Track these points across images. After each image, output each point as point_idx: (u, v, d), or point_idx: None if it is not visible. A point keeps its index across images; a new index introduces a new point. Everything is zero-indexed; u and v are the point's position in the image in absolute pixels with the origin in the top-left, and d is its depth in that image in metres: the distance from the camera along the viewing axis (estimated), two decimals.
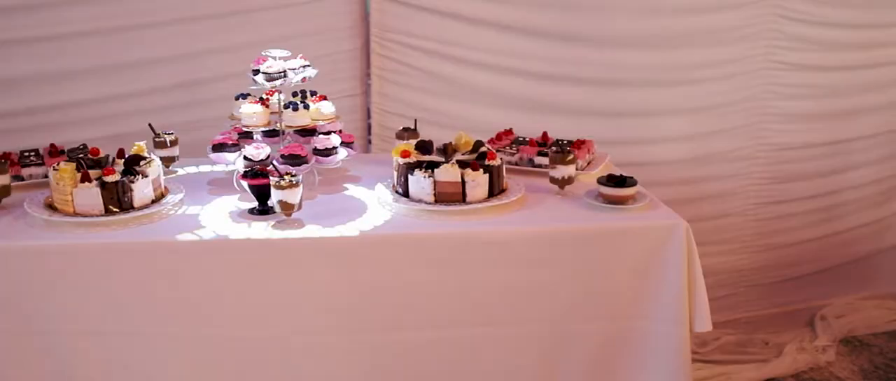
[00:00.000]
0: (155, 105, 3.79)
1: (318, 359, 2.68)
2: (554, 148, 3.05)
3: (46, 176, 3.04)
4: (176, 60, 3.84)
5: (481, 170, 2.78)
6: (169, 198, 2.83)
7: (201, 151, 3.26)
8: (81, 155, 2.94)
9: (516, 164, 3.20)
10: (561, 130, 3.43)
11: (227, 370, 2.67)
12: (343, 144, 3.07)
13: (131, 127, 3.54)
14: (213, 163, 3.15)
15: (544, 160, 3.14)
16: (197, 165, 3.31)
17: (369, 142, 4.16)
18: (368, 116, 4.16)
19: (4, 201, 2.85)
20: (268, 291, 2.61)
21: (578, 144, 3.20)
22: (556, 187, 2.94)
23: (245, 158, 2.88)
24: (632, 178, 2.82)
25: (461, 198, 2.77)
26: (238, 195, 2.93)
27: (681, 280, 2.66)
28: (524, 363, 2.74)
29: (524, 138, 3.33)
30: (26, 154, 3.15)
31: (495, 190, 2.83)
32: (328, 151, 2.98)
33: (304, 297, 2.62)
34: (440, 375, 2.73)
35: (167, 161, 3.12)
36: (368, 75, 4.09)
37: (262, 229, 2.63)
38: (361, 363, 2.70)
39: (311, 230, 2.63)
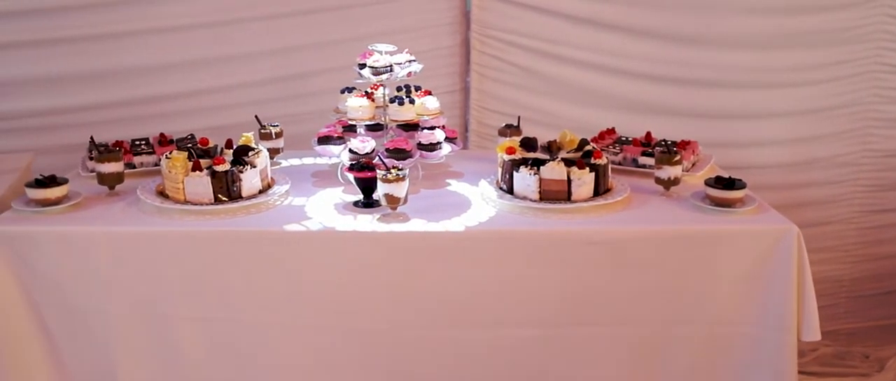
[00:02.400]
0: (258, 97, 3.86)
1: (417, 353, 2.69)
2: (660, 148, 3.00)
3: (157, 164, 3.12)
4: (278, 54, 3.91)
5: (587, 168, 2.75)
6: (275, 189, 2.87)
7: (302, 143, 3.31)
8: (190, 145, 3.01)
9: (620, 163, 3.16)
10: (659, 130, 3.38)
11: (329, 361, 2.71)
12: (446, 139, 3.07)
13: (235, 118, 3.61)
14: (316, 155, 3.18)
15: (648, 160, 3.09)
16: (300, 158, 3.35)
17: (466, 138, 4.16)
18: (466, 113, 4.16)
19: (117, 187, 2.93)
20: (371, 283, 2.63)
21: (683, 145, 3.15)
22: (661, 188, 2.89)
23: (350, 151, 2.90)
24: (741, 180, 2.76)
25: (566, 196, 2.75)
26: (342, 188, 2.95)
27: (790, 287, 2.59)
28: (624, 364, 2.71)
29: (627, 138, 3.29)
30: (137, 143, 3.24)
31: (601, 189, 2.80)
32: (432, 147, 2.98)
33: (407, 291, 2.63)
34: (539, 373, 2.71)
35: (272, 153, 3.17)
36: (467, 72, 4.09)
37: (367, 222, 2.65)
38: (461, 358, 2.70)
39: (417, 225, 2.63)
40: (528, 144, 2.91)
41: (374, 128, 3.11)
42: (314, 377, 2.72)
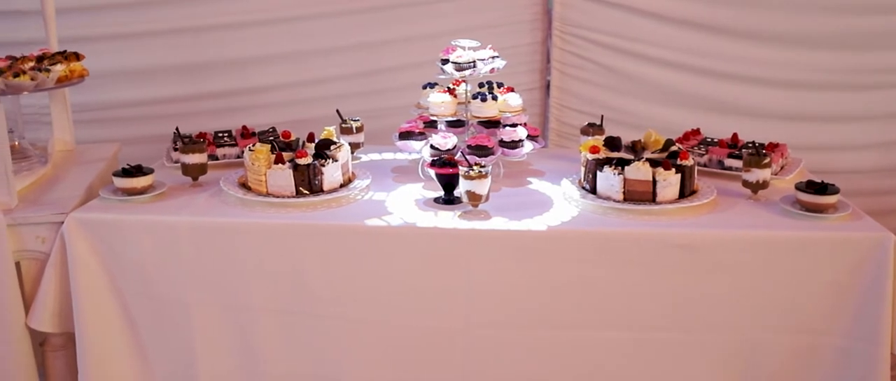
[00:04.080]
0: (338, 92, 3.88)
1: (493, 353, 2.66)
2: (748, 150, 2.92)
3: (239, 156, 3.16)
4: (358, 49, 3.93)
5: (673, 169, 2.69)
6: (356, 183, 2.88)
7: (381, 138, 3.31)
8: (272, 138, 3.03)
9: (705, 165, 3.09)
10: (742, 132, 3.29)
11: (404, 358, 2.69)
12: (528, 137, 3.04)
13: (314, 112, 3.64)
14: (396, 150, 3.18)
15: (735, 163, 3.01)
16: (379, 152, 3.35)
17: (545, 136, 4.12)
18: (545, 111, 4.12)
19: (201, 178, 2.96)
20: (450, 281, 2.61)
21: (772, 147, 3.06)
22: (748, 191, 2.81)
23: (432, 146, 2.89)
24: (833, 185, 2.67)
25: (651, 197, 2.69)
26: (423, 183, 2.94)
27: (885, 297, 2.49)
28: (706, 371, 2.64)
29: (713, 139, 3.21)
30: (220, 135, 3.28)
31: (686, 191, 2.74)
32: (514, 144, 2.95)
33: (486, 289, 2.61)
34: (617, 378, 2.67)
35: (352, 147, 3.17)
36: (548, 70, 4.05)
37: (448, 219, 2.63)
38: (538, 360, 2.66)
39: (498, 222, 2.61)
40: (613, 143, 2.86)
41: (455, 124, 3.10)
42: (389, 373, 2.71)
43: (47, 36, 3.29)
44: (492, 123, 3.07)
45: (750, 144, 3.08)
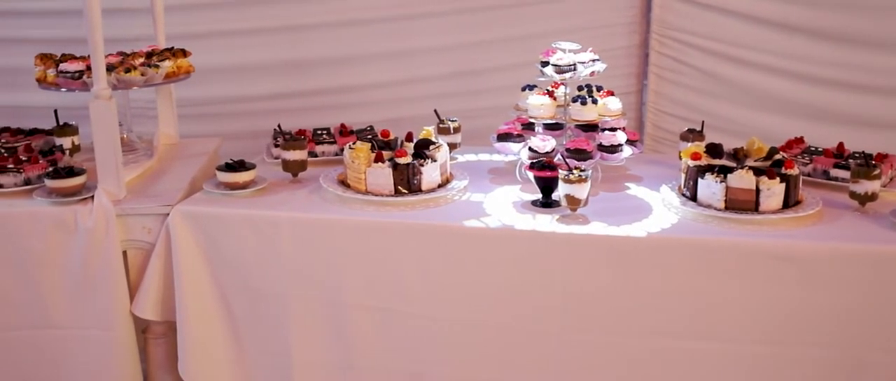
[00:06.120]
0: (434, 92, 3.89)
1: (587, 359, 2.64)
2: (856, 160, 2.84)
3: (337, 154, 3.19)
4: (456, 49, 3.94)
5: (778, 178, 2.63)
6: (454, 183, 2.88)
7: (476, 139, 3.31)
8: (370, 136, 3.06)
9: (809, 175, 3.00)
10: (846, 141, 3.19)
11: (497, 359, 2.69)
12: (627, 141, 3.01)
13: (410, 111, 3.65)
14: (492, 151, 3.18)
15: (841, 173, 2.92)
16: (475, 153, 3.35)
17: (641, 141, 4.07)
18: (641, 116, 4.08)
19: (300, 174, 3.00)
20: (547, 284, 2.59)
21: (881, 158, 2.97)
22: (855, 203, 2.73)
23: (530, 149, 2.88)
24: None
25: (754, 207, 2.64)
26: (520, 186, 2.94)
27: None
28: None
29: (817, 148, 3.12)
30: (319, 132, 3.32)
31: (790, 201, 2.67)
32: (613, 148, 2.93)
33: (583, 293, 2.58)
34: None
35: (449, 147, 3.17)
36: (644, 73, 4.01)
37: (547, 222, 2.62)
38: (632, 367, 2.63)
39: (597, 227, 2.59)
40: (714, 150, 2.81)
41: (552, 127, 3.08)
42: (481, 373, 2.71)
43: (155, 33, 3.39)
44: (589, 127, 3.05)
45: (857, 154, 2.99)
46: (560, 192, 2.63)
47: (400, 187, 2.78)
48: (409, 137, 2.96)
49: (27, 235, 2.76)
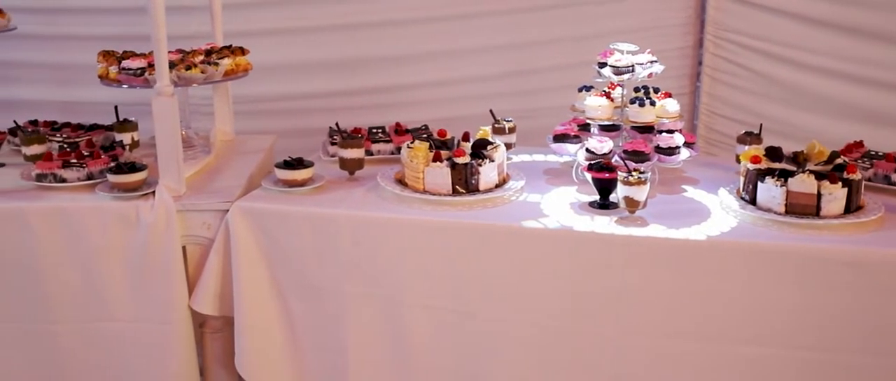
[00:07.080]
0: (489, 91, 3.90)
1: (642, 362, 2.63)
2: None
3: (393, 153, 3.20)
4: (510, 49, 3.94)
5: (840, 183, 2.61)
6: (511, 184, 2.89)
7: (531, 139, 3.30)
8: (426, 135, 3.06)
9: (870, 180, 2.97)
10: None
11: (551, 361, 2.68)
12: (685, 144, 2.99)
13: (465, 111, 3.64)
14: (548, 152, 3.17)
15: None
16: (530, 154, 3.35)
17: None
18: (694, 117, 4.05)
19: (356, 173, 3.02)
20: (605, 287, 2.59)
21: None
22: None
23: (587, 150, 2.88)
24: None
25: (815, 211, 2.61)
26: (576, 187, 2.93)
27: None
28: None
29: (879, 152, 3.09)
30: (375, 131, 3.33)
31: (852, 206, 2.64)
32: (671, 151, 2.91)
33: (641, 296, 2.57)
34: None
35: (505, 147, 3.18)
36: (697, 75, 3.98)
37: (605, 224, 2.62)
38: (687, 371, 2.61)
39: (655, 230, 2.58)
40: (774, 153, 2.78)
41: (608, 128, 3.07)
42: (537, 375, 2.71)
43: (213, 31, 3.42)
44: (645, 129, 3.04)
45: None
46: (619, 193, 2.63)
47: (458, 187, 2.79)
48: (466, 137, 2.97)
49: (89, 229, 2.80)
